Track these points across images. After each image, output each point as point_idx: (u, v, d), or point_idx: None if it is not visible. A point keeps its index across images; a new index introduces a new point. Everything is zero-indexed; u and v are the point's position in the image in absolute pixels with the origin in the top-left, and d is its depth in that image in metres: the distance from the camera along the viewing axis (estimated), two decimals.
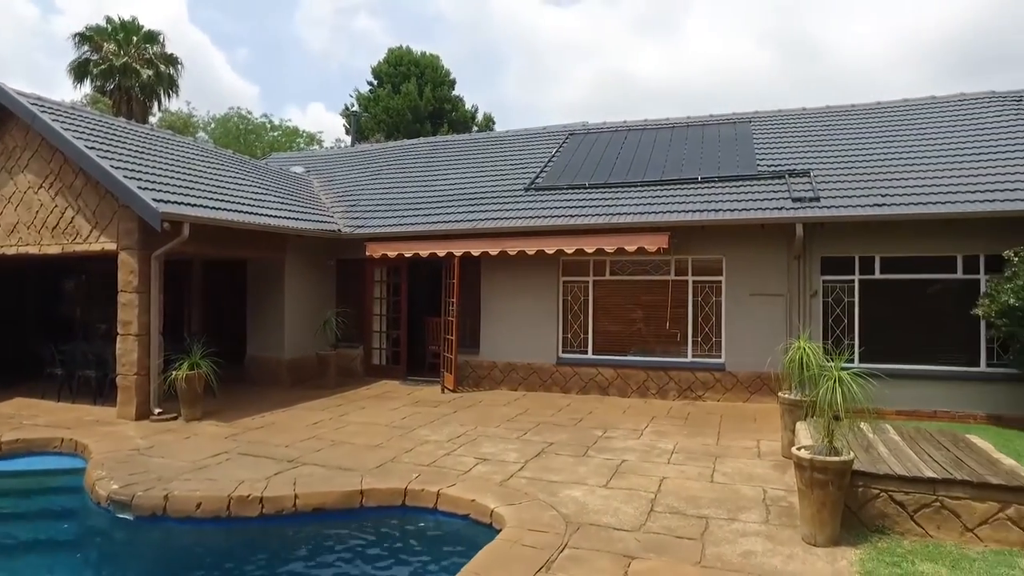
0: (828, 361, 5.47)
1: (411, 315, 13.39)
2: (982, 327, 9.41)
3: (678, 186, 11.65)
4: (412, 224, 12.40)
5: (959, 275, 9.72)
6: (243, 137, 36.90)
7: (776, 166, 11.70)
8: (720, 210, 10.40)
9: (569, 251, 10.85)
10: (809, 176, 11.01)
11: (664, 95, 62.03)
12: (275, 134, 38.62)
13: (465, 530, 5.55)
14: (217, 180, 11.50)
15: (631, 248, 10.39)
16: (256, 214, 10.80)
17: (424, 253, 11.69)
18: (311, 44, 69.99)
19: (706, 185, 11.48)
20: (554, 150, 14.78)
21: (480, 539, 5.00)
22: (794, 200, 10.21)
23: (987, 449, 5.95)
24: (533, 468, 6.76)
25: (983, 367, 9.56)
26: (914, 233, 9.75)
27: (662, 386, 10.88)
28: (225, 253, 11.11)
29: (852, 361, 9.61)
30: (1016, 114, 12.49)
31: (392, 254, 12.05)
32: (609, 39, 71.73)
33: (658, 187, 11.77)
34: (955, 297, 9.64)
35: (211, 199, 10.17)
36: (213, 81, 53.57)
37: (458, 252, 11.42)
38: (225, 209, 10.11)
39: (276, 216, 11.34)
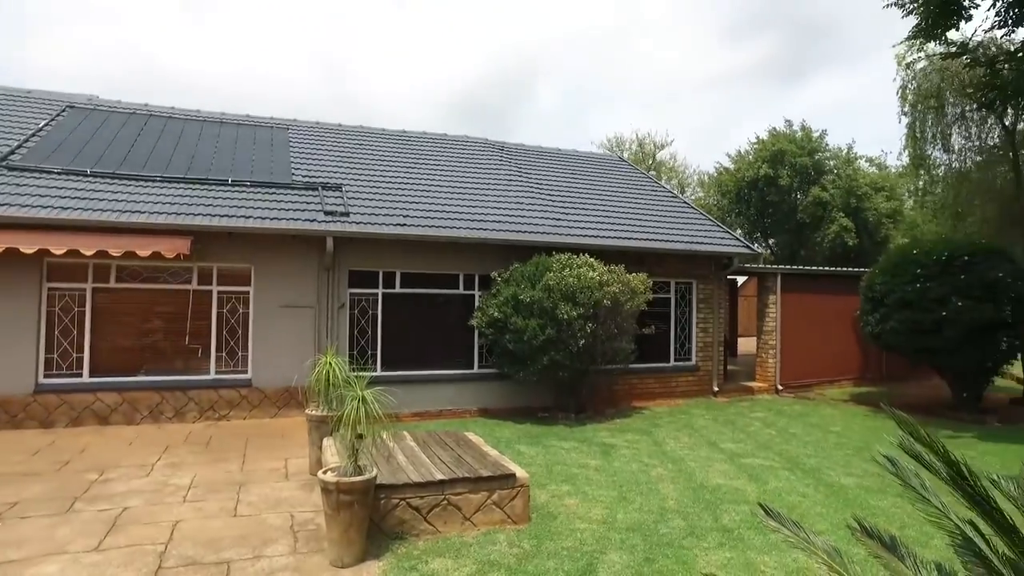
0: (354, 372, 5.55)
1: None
2: (476, 335, 11.11)
3: (206, 186, 10.58)
4: None
5: (461, 291, 11.31)
6: None
7: (311, 177, 11.71)
8: (251, 217, 9.82)
9: (59, 252, 8.63)
10: (341, 191, 11.34)
11: (194, 86, 57.26)
12: None
13: None
14: None
15: (144, 252, 8.88)
16: None
17: None
18: None
19: (237, 189, 10.73)
20: (43, 123, 11.86)
21: None
22: (326, 213, 10.36)
23: (479, 443, 6.90)
24: None
25: (476, 369, 11.32)
26: (428, 252, 10.94)
27: (180, 408, 9.66)
28: None
29: (375, 370, 10.28)
30: (501, 159, 15.35)
31: None
32: (122, 4, 62.22)
33: (182, 185, 10.47)
34: (458, 310, 11.17)
35: None
36: None
37: None
38: None
39: None
